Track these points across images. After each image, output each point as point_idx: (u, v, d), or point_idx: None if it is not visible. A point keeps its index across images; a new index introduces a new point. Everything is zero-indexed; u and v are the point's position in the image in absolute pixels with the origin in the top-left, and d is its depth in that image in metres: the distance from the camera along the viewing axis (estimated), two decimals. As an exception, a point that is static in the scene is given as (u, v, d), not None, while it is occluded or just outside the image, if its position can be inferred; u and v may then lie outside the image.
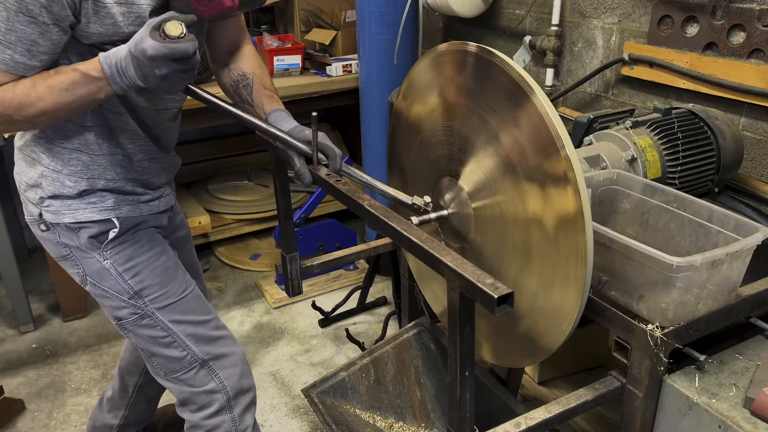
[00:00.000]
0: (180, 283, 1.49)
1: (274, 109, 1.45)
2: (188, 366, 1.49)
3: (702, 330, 1.16)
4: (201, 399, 1.51)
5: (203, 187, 3.58)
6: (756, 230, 1.14)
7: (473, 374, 1.01)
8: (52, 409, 2.37)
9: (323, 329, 2.83)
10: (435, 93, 1.33)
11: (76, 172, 1.35)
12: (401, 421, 1.71)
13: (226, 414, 1.52)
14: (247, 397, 1.56)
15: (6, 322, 2.92)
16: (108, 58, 1.14)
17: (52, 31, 1.13)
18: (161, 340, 1.46)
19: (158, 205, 1.49)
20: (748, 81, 1.82)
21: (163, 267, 1.46)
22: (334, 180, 1.28)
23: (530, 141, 1.08)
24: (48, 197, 1.36)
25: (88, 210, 1.37)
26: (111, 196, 1.39)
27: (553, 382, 1.96)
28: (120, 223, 1.40)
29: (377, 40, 2.75)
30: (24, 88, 1.15)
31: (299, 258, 1.59)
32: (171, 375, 1.50)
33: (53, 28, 1.13)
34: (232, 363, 1.53)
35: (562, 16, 2.45)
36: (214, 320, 1.54)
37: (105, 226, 1.38)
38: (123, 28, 1.19)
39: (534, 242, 1.13)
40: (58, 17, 1.12)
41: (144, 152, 1.42)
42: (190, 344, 1.47)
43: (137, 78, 1.13)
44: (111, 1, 1.16)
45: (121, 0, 1.17)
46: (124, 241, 1.41)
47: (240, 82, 1.49)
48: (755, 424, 1.06)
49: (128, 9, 1.18)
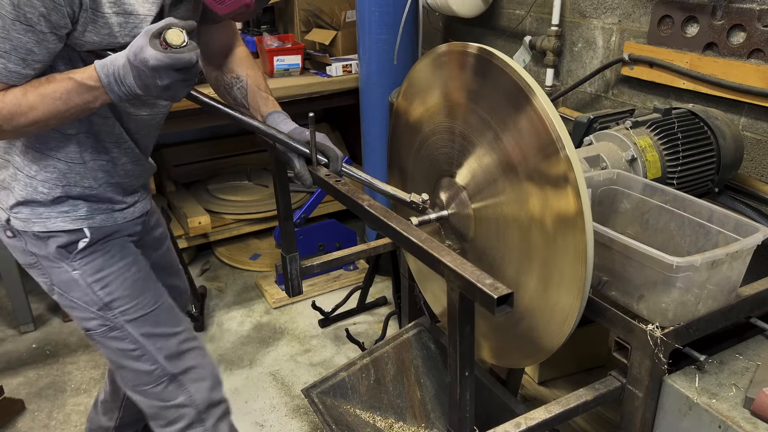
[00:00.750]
0: (152, 295, 1.45)
1: (271, 111, 1.43)
2: (156, 380, 1.45)
3: (702, 330, 1.16)
4: (170, 414, 1.48)
5: (203, 187, 3.58)
6: (756, 230, 1.14)
7: (473, 374, 1.01)
8: (52, 409, 2.37)
9: (323, 329, 2.83)
10: (435, 93, 1.33)
11: (51, 179, 1.30)
12: (401, 421, 1.71)
13: (198, 427, 1.49)
14: (219, 409, 1.53)
15: (6, 322, 2.92)
16: (105, 67, 1.11)
17: (49, 40, 1.10)
18: (130, 353, 1.42)
19: (133, 212, 1.46)
20: (748, 81, 1.82)
21: (134, 278, 1.42)
22: (334, 180, 1.28)
23: (531, 141, 1.08)
24: (18, 203, 1.31)
25: (60, 219, 1.33)
26: (85, 204, 1.35)
27: (553, 382, 1.96)
28: (91, 234, 1.35)
29: (377, 40, 2.75)
30: (14, 97, 1.12)
31: (299, 258, 1.59)
32: (138, 388, 1.47)
33: (50, 36, 1.10)
34: (201, 376, 1.50)
35: (562, 16, 2.45)
36: (185, 332, 1.51)
37: (75, 236, 1.34)
38: (119, 39, 1.17)
39: (534, 242, 1.13)
40: (56, 26, 1.09)
41: (128, 156, 1.39)
42: (159, 358, 1.44)
43: (136, 87, 1.10)
44: (109, 11, 1.13)
45: (119, 10, 1.14)
46: (95, 251, 1.37)
47: (234, 85, 1.47)
48: (755, 424, 1.06)
49: (125, 20, 1.16)
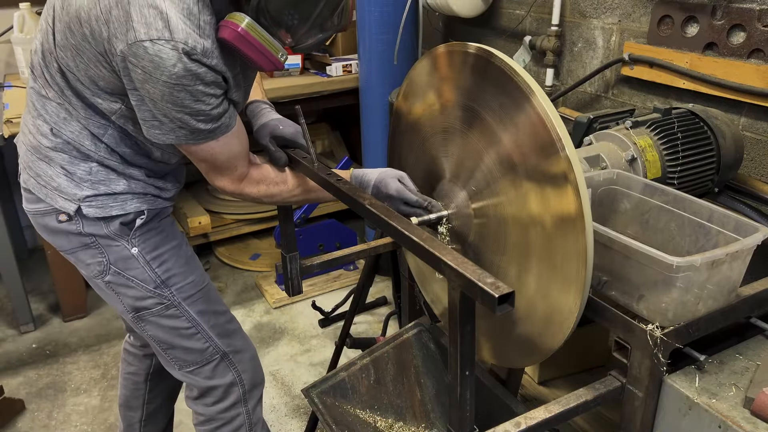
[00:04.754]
0: (201, 273, 1.50)
1: (252, 99, 1.49)
2: (209, 358, 1.49)
3: (702, 330, 1.16)
4: (218, 392, 1.51)
5: (203, 187, 3.58)
6: (756, 230, 1.14)
7: (473, 374, 1.01)
8: (52, 409, 2.37)
9: (323, 329, 2.83)
10: (435, 93, 1.33)
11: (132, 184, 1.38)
12: (401, 421, 1.70)
13: (241, 407, 1.54)
14: (259, 391, 1.59)
15: (6, 322, 2.92)
16: (357, 177, 1.38)
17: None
18: (184, 331, 1.46)
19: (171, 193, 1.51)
20: (748, 81, 1.82)
21: (186, 256, 1.47)
22: (335, 180, 1.29)
23: (531, 142, 1.08)
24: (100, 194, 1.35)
25: (137, 200, 1.38)
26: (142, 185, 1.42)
27: (553, 382, 1.96)
28: (148, 211, 1.41)
29: (377, 40, 2.75)
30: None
31: (299, 258, 1.59)
32: (188, 368, 1.50)
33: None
34: (249, 357, 1.55)
35: (562, 16, 2.45)
36: (229, 313, 1.56)
37: (134, 214, 1.39)
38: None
39: (534, 242, 1.13)
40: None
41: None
42: (213, 336, 1.48)
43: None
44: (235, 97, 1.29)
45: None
46: (151, 229, 1.42)
47: None
48: (755, 424, 1.06)
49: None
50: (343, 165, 2.71)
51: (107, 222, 1.37)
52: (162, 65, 1.11)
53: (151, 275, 1.41)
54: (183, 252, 1.47)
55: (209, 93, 1.18)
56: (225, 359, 1.51)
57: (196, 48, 1.12)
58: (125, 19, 1.11)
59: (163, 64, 1.11)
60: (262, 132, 1.43)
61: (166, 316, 1.44)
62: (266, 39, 1.16)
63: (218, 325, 1.50)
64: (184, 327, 1.46)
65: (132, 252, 1.40)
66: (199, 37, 1.13)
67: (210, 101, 1.19)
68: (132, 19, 1.10)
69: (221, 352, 1.50)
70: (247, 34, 1.13)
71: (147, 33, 1.10)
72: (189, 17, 1.12)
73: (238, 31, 1.13)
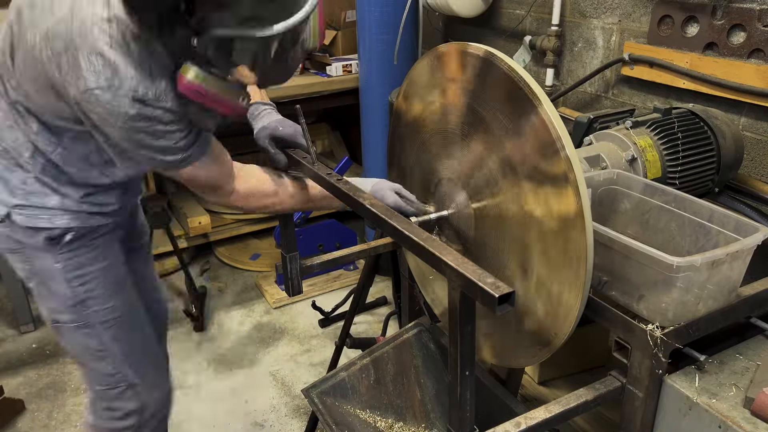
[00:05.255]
0: (126, 299, 1.46)
1: (254, 101, 1.46)
2: (115, 384, 1.46)
3: (702, 330, 1.16)
4: (117, 413, 1.49)
5: (203, 187, 3.58)
6: (756, 230, 1.14)
7: (473, 374, 1.01)
8: (52, 409, 2.37)
9: (323, 329, 2.83)
10: (435, 93, 1.33)
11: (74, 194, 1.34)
12: (401, 421, 1.70)
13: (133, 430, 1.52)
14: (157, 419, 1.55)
15: (6, 322, 2.92)
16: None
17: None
18: (95, 352, 1.43)
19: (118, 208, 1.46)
20: (748, 81, 1.82)
21: (116, 280, 1.43)
22: (335, 179, 1.28)
23: (531, 142, 1.08)
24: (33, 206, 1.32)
25: (67, 216, 1.34)
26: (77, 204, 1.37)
27: (553, 382, 1.96)
28: (77, 228, 1.36)
29: (377, 40, 2.75)
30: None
31: (299, 258, 1.59)
32: (95, 387, 1.49)
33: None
34: (159, 395, 1.52)
35: (562, 16, 2.45)
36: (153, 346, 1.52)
37: (62, 230, 1.35)
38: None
39: (534, 242, 1.13)
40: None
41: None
42: (125, 364, 1.45)
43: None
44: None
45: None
46: (81, 246, 1.37)
47: None
48: (755, 424, 1.06)
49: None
50: (343, 165, 2.71)
51: (35, 232, 1.33)
52: (115, 112, 1.09)
53: (68, 292, 1.37)
54: (112, 274, 1.42)
55: (170, 130, 1.15)
56: (131, 389, 1.47)
57: (147, 94, 1.09)
58: (75, 65, 1.08)
59: (116, 111, 1.09)
60: (262, 134, 1.41)
61: (80, 334, 1.42)
62: (221, 87, 1.09)
63: (132, 354, 1.46)
64: (95, 348, 1.43)
65: (55, 266, 1.35)
66: (150, 83, 1.09)
67: (173, 136, 1.16)
68: (81, 68, 1.07)
69: (128, 382, 1.46)
70: (198, 86, 1.08)
71: (96, 81, 1.07)
72: (139, 63, 1.09)
73: (185, 84, 1.07)
